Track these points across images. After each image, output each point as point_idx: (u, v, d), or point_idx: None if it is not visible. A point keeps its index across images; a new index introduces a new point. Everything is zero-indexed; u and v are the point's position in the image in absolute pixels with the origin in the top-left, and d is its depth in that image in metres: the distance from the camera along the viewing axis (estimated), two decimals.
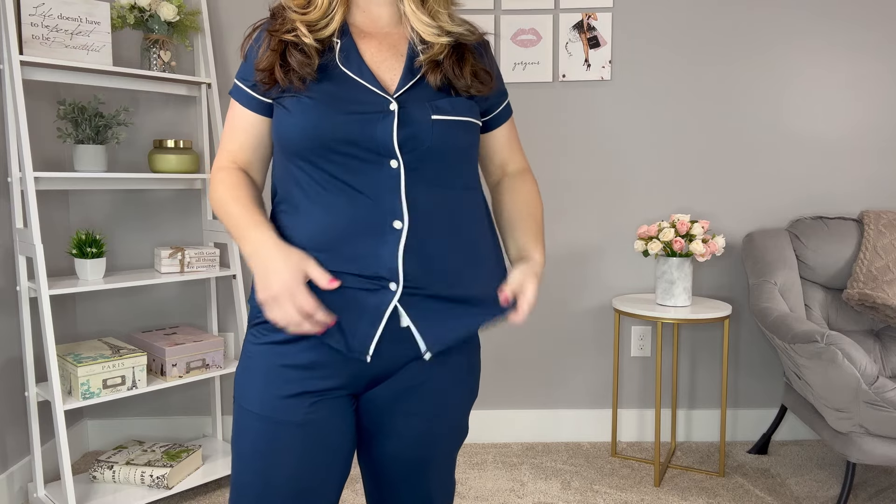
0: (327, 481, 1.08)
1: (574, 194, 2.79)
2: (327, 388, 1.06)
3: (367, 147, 1.01)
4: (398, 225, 1.02)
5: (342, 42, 1.07)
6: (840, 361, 2.04)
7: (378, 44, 1.09)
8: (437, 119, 1.04)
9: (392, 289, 1.03)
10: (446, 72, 1.07)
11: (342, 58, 1.05)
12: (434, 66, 1.07)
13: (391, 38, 1.10)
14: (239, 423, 1.08)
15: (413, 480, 1.16)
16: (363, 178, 1.02)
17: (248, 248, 1.03)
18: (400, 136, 1.02)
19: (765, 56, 2.73)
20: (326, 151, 1.01)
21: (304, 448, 1.05)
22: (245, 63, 1.10)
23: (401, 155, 1.02)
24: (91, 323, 2.76)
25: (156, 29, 2.37)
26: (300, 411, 1.04)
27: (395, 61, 1.08)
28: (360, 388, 1.10)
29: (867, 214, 2.61)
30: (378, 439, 1.14)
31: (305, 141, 1.02)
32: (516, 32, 2.70)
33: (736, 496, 2.38)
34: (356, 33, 1.09)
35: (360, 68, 1.05)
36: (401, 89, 1.04)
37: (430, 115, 1.03)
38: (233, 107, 1.12)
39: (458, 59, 1.09)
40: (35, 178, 2.10)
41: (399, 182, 1.02)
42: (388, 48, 1.09)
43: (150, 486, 2.29)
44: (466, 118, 1.07)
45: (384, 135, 1.01)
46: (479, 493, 2.42)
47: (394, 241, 1.02)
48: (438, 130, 1.04)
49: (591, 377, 2.86)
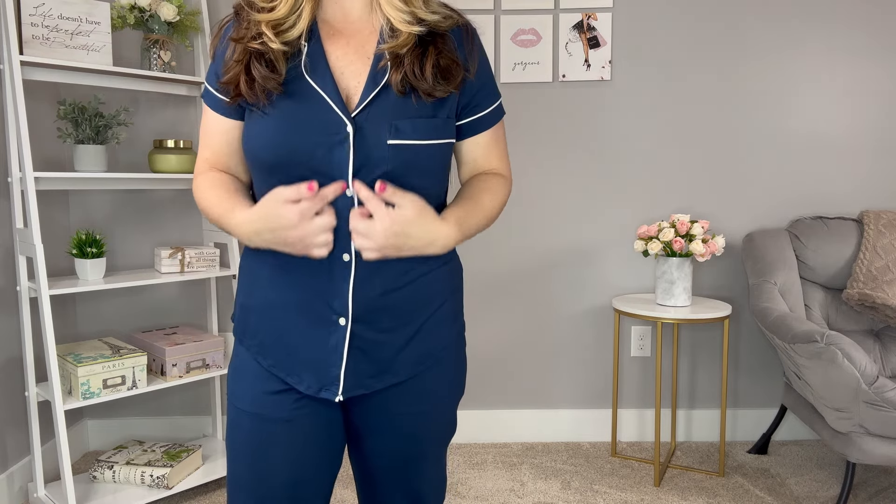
0: (317, 475, 1.11)
1: (574, 194, 2.79)
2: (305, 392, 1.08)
3: (322, 172, 0.98)
4: (346, 258, 1.01)
5: (309, 46, 1.01)
6: (840, 361, 2.04)
7: (346, 44, 1.03)
8: (393, 144, 0.98)
9: (342, 324, 1.03)
10: (406, 71, 0.99)
11: (307, 65, 1.00)
12: (397, 64, 0.99)
13: (360, 37, 1.04)
14: (231, 420, 1.11)
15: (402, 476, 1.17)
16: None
17: (237, 231, 1.01)
18: (356, 163, 0.97)
19: (765, 56, 2.73)
20: (284, 170, 0.99)
21: (291, 443, 1.07)
22: (213, 64, 1.05)
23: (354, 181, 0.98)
24: (91, 323, 2.76)
25: (156, 29, 2.37)
26: (286, 407, 1.07)
27: (360, 65, 1.02)
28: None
29: (867, 214, 2.61)
30: (365, 438, 1.14)
31: (264, 158, 1.00)
32: (516, 32, 2.70)
33: (736, 496, 2.38)
34: (325, 32, 1.03)
35: (323, 77, 0.99)
36: (362, 103, 0.98)
37: (387, 139, 0.97)
38: (205, 111, 1.09)
39: (421, 54, 1.00)
40: (35, 178, 2.10)
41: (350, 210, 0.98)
42: (355, 50, 1.03)
43: (150, 486, 2.29)
44: (429, 141, 1.00)
45: (339, 161, 0.97)
46: (479, 493, 2.42)
47: (343, 275, 1.02)
48: (395, 155, 0.98)
49: (591, 377, 2.86)
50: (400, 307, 1.06)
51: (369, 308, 1.04)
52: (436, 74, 1.00)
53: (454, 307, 1.14)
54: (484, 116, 1.10)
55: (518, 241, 2.81)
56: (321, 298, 1.03)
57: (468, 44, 1.07)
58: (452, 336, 1.14)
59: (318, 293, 1.03)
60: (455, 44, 1.05)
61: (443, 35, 1.03)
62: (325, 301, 1.03)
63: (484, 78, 1.09)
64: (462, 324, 1.17)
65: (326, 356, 1.05)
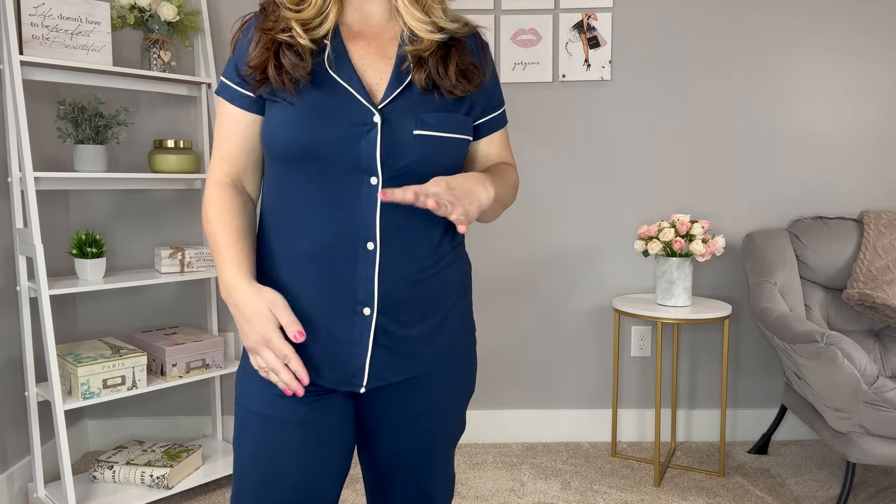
0: (327, 478, 1.10)
1: (574, 194, 2.79)
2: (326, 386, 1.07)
3: (348, 162, 1.00)
4: (370, 246, 1.02)
5: (333, 44, 1.04)
6: (840, 361, 2.04)
7: (367, 44, 1.06)
8: (419, 134, 1.01)
9: (366, 314, 1.04)
10: (430, 71, 1.04)
11: (332, 61, 1.03)
12: (420, 64, 1.04)
13: (381, 39, 1.08)
14: (240, 422, 1.10)
15: (412, 476, 1.17)
16: (343, 195, 1.01)
17: (224, 286, 1.03)
18: (382, 152, 1.00)
19: (765, 56, 2.73)
20: (308, 163, 1.01)
21: (304, 446, 1.06)
22: (233, 59, 1.07)
23: (381, 171, 1.01)
24: (91, 323, 2.76)
25: (156, 29, 2.37)
26: (300, 410, 1.06)
27: (383, 64, 1.05)
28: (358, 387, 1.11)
29: (867, 214, 2.61)
30: (377, 436, 1.14)
31: (289, 149, 1.01)
32: (516, 32, 2.70)
33: (736, 496, 2.38)
34: (346, 34, 1.07)
35: (348, 73, 1.03)
36: (387, 98, 1.02)
37: (413, 129, 1.01)
38: (221, 106, 1.08)
39: (444, 56, 1.05)
40: (35, 178, 2.10)
41: (376, 200, 1.01)
42: (377, 50, 1.06)
43: (150, 486, 2.29)
44: (452, 134, 1.05)
45: (367, 151, 1.00)
46: (479, 493, 2.42)
47: (368, 263, 1.02)
48: (420, 146, 1.01)
49: (591, 377, 2.86)
50: (421, 301, 1.07)
51: (394, 299, 1.04)
52: (458, 75, 1.06)
53: (466, 305, 1.15)
54: (499, 116, 1.18)
55: (518, 240, 2.81)
56: (345, 289, 1.03)
57: (482, 50, 1.14)
58: (464, 333, 1.15)
59: (343, 283, 1.03)
60: (471, 48, 1.11)
61: (461, 40, 1.09)
62: (349, 291, 1.03)
63: (496, 83, 1.18)
64: (472, 322, 1.18)
65: (351, 347, 1.04)
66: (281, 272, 1.05)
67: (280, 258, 1.06)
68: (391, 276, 1.03)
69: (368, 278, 1.02)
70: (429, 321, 1.09)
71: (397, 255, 1.03)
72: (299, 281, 1.04)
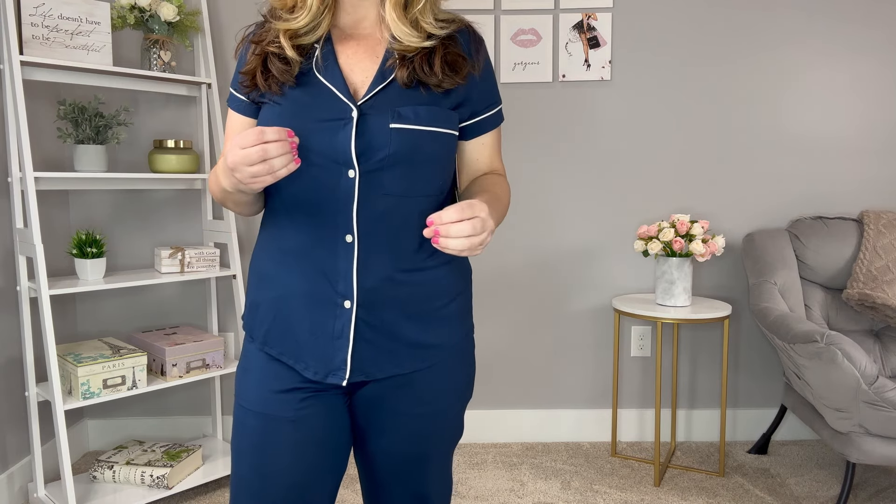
0: (322, 476, 1.11)
1: (574, 194, 2.79)
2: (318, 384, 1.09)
3: (326, 156, 1.02)
4: (349, 239, 1.04)
5: (323, 47, 1.08)
6: (840, 361, 2.04)
7: (357, 46, 1.09)
8: (396, 128, 1.01)
9: (347, 307, 1.05)
10: (415, 67, 1.04)
11: (320, 64, 1.06)
12: (404, 61, 1.05)
13: (371, 41, 1.09)
14: (237, 420, 1.12)
15: (407, 478, 1.17)
16: (322, 188, 1.03)
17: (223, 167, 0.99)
18: (358, 146, 1.01)
19: (765, 56, 2.73)
20: None
21: (296, 443, 1.08)
22: (236, 68, 1.13)
23: (358, 164, 1.02)
24: (91, 323, 2.76)
25: (156, 29, 2.37)
26: (292, 407, 1.08)
27: (369, 63, 1.07)
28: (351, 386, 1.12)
29: (867, 214, 2.61)
30: (371, 436, 1.15)
31: None
32: (516, 32, 2.70)
33: (736, 496, 2.38)
34: (337, 36, 1.10)
35: (332, 73, 1.05)
36: (369, 93, 1.03)
37: (389, 123, 1.01)
38: (230, 116, 1.15)
39: (429, 53, 1.05)
40: (35, 178, 2.10)
41: (353, 192, 1.03)
42: (365, 50, 1.08)
43: (150, 486, 2.29)
44: (432, 128, 1.04)
45: (343, 144, 1.01)
46: (479, 493, 2.42)
47: (347, 256, 1.04)
48: (398, 139, 1.01)
49: (591, 377, 2.86)
50: (405, 298, 1.07)
51: (375, 293, 1.05)
52: (445, 67, 1.05)
53: (462, 307, 1.15)
54: (491, 116, 1.15)
55: (518, 241, 2.81)
56: (326, 282, 1.05)
57: (474, 42, 1.12)
58: (460, 336, 1.14)
59: (323, 277, 1.05)
60: (461, 42, 1.10)
61: (450, 35, 1.09)
62: (330, 285, 1.05)
63: (490, 82, 1.15)
64: (471, 325, 1.18)
65: (333, 340, 1.06)
66: (270, 265, 1.10)
67: (270, 252, 1.10)
68: (371, 270, 1.05)
69: (347, 271, 1.04)
70: (417, 319, 1.09)
71: (378, 248, 1.05)
72: (285, 273, 1.07)
